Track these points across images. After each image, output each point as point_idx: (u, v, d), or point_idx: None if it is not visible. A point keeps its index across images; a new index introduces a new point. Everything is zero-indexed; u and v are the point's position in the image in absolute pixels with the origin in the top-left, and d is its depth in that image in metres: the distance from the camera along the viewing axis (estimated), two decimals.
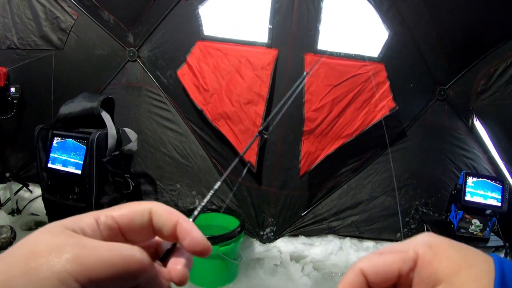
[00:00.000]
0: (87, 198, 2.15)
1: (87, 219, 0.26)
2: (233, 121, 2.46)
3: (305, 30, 2.39)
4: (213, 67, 2.47)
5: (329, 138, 2.49)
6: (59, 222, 0.25)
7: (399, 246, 0.27)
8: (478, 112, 2.77)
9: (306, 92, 2.40)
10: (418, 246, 0.26)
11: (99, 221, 0.26)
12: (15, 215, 2.85)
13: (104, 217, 0.26)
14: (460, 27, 2.51)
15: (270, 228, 2.70)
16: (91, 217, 0.26)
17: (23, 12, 2.80)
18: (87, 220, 0.25)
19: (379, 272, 0.26)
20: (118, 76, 2.81)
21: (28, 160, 3.07)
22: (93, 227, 0.25)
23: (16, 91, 2.88)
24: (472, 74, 2.70)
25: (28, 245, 0.23)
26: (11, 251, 0.23)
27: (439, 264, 0.25)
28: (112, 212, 0.26)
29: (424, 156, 2.82)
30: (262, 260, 2.58)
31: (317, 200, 2.78)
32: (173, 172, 2.79)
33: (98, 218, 0.26)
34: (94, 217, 0.26)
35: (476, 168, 2.89)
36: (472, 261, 0.25)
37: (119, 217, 0.26)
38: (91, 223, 0.25)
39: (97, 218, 0.26)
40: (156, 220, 0.27)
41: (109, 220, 0.26)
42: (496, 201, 2.44)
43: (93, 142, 2.12)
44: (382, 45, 2.49)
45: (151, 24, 2.64)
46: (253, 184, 2.66)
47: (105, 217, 0.26)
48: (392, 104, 2.49)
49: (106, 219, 0.26)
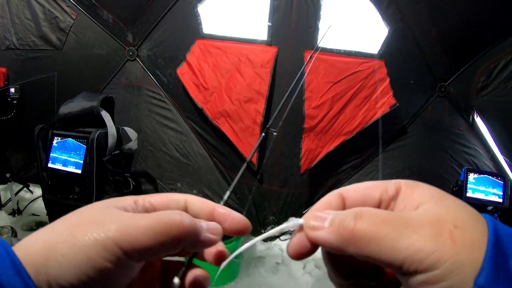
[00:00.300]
0: (88, 197, 2.14)
1: (127, 200, 0.27)
2: (233, 119, 2.46)
3: (305, 28, 2.38)
4: (212, 66, 2.47)
5: (330, 136, 2.49)
6: (100, 201, 0.26)
7: (381, 181, 0.26)
8: (479, 109, 2.77)
9: (306, 90, 2.39)
10: (401, 181, 0.25)
11: (138, 203, 0.27)
12: (16, 216, 2.85)
13: (142, 200, 0.27)
14: (460, 24, 2.50)
15: (271, 226, 2.70)
16: (130, 199, 0.27)
17: (22, 12, 2.80)
18: (127, 201, 0.27)
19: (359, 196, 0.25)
20: (117, 75, 2.80)
21: (28, 160, 3.07)
22: (132, 207, 0.26)
23: (15, 92, 2.88)
24: (472, 70, 2.69)
25: (72, 217, 0.24)
26: (57, 222, 0.24)
27: (423, 190, 0.24)
28: (149, 198, 0.28)
29: (424, 152, 2.81)
30: (264, 258, 2.57)
31: (318, 198, 2.76)
32: (174, 171, 2.79)
33: (137, 201, 0.27)
34: (133, 199, 0.27)
35: (477, 164, 2.89)
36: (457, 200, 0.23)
37: (156, 202, 0.27)
38: (130, 204, 0.26)
39: (136, 200, 0.27)
40: (191, 208, 0.28)
41: (147, 203, 0.27)
42: (498, 197, 2.44)
43: (93, 142, 2.12)
44: (382, 42, 2.49)
45: (150, 23, 2.64)
46: (253, 183, 2.65)
47: (143, 200, 0.27)
48: (393, 101, 2.48)
49: (144, 202, 0.27)
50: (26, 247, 0.23)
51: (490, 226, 0.21)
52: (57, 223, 0.24)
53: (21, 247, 0.23)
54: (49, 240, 0.23)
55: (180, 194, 0.28)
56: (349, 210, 0.24)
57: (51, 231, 0.24)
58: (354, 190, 0.26)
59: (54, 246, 0.22)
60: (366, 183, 0.26)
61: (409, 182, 0.25)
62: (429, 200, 0.23)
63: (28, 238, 0.24)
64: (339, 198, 0.26)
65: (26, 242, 0.24)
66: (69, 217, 0.25)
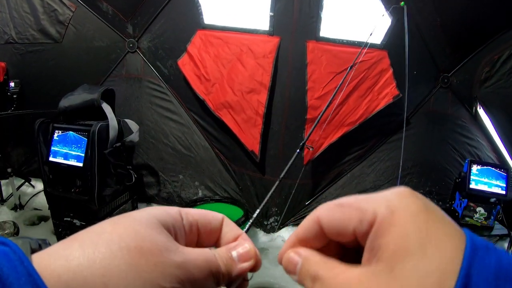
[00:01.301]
0: (90, 190, 2.13)
1: (173, 213, 0.27)
2: (235, 110, 2.44)
3: (307, 17, 2.36)
4: (214, 56, 2.44)
5: (333, 126, 2.47)
6: (151, 213, 0.25)
7: (362, 201, 0.23)
8: (482, 100, 2.75)
9: (309, 80, 2.37)
10: (379, 208, 0.21)
11: (182, 216, 0.27)
12: (18, 211, 2.84)
13: (185, 214, 0.28)
14: (463, 15, 2.48)
15: (274, 217, 2.69)
16: (176, 211, 0.27)
17: (21, 6, 2.77)
18: (173, 214, 0.27)
19: (334, 227, 0.24)
20: (118, 67, 2.78)
21: (29, 155, 3.06)
22: (178, 223, 0.27)
23: (15, 86, 2.86)
24: (476, 61, 2.67)
25: (132, 240, 0.22)
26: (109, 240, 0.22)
27: (391, 239, 0.20)
28: (192, 212, 0.28)
29: (427, 144, 2.80)
30: (266, 250, 2.57)
31: (321, 189, 2.77)
32: (176, 163, 2.78)
33: (181, 214, 0.27)
34: (179, 211, 0.27)
35: (479, 156, 2.88)
36: (431, 250, 0.19)
37: (199, 217, 0.28)
38: (177, 218, 0.27)
39: (181, 213, 0.27)
40: (226, 227, 0.30)
41: (190, 217, 0.28)
42: (501, 189, 2.43)
43: (94, 134, 2.10)
44: (385, 32, 2.46)
45: (151, 14, 2.61)
46: (256, 174, 2.64)
47: (186, 215, 0.28)
48: (396, 91, 2.47)
49: (188, 216, 0.28)
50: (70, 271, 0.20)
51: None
52: (112, 241, 0.22)
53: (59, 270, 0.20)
54: (107, 259, 0.21)
55: (217, 213, 0.30)
56: (310, 267, 0.24)
57: (110, 252, 0.21)
58: (330, 218, 0.24)
59: (115, 271, 0.21)
60: (344, 209, 0.23)
61: (385, 215, 0.21)
62: (387, 260, 0.20)
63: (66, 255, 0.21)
64: (317, 224, 0.25)
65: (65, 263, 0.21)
66: (129, 237, 0.22)
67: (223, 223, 0.29)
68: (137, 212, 0.25)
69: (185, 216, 0.27)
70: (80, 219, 2.21)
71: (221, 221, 0.29)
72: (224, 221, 0.30)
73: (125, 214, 0.24)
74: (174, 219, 0.26)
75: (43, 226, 2.71)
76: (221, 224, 0.29)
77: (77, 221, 2.22)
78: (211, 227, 0.29)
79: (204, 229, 0.28)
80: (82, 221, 2.21)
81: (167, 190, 2.79)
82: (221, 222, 0.29)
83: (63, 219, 2.26)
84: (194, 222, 0.27)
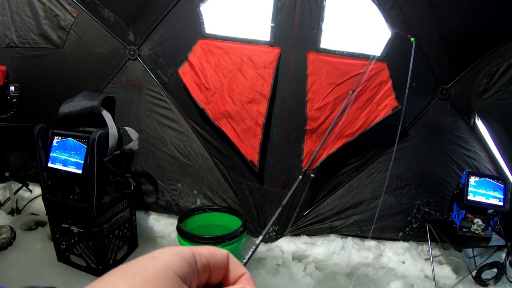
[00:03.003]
0: (88, 198, 2.12)
1: (188, 258, 0.26)
2: (235, 120, 2.44)
3: (308, 29, 2.37)
4: (214, 66, 2.45)
5: (332, 137, 2.48)
6: (168, 265, 0.24)
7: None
8: (480, 112, 2.77)
9: (309, 91, 2.38)
10: None
11: (197, 258, 0.27)
12: (15, 215, 2.83)
13: (199, 255, 0.27)
14: (462, 26, 2.50)
15: (272, 227, 2.69)
16: (190, 254, 0.27)
17: (23, 10, 2.77)
18: (188, 260, 0.26)
19: None
20: (118, 74, 2.78)
21: (27, 159, 3.05)
22: (193, 268, 0.26)
23: (15, 90, 2.86)
24: (474, 73, 2.70)
25: None
26: None
27: None
28: (204, 253, 0.28)
29: (425, 155, 2.81)
30: (264, 260, 2.57)
31: (319, 200, 2.77)
32: (174, 171, 2.77)
33: (195, 257, 0.27)
34: (193, 254, 0.27)
35: (477, 167, 2.89)
36: None
37: (210, 257, 0.28)
38: (192, 264, 0.26)
39: (195, 256, 0.27)
40: (231, 264, 0.30)
41: (204, 259, 0.28)
42: (498, 200, 2.44)
43: (94, 141, 2.09)
44: (385, 44, 2.48)
45: (152, 22, 2.62)
46: (255, 184, 2.64)
47: (199, 256, 0.27)
48: (395, 103, 2.48)
49: (201, 258, 0.27)
50: None
51: None
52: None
53: None
54: None
55: (222, 249, 0.30)
56: None
57: None
58: None
59: None
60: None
61: None
62: None
63: None
64: None
65: None
66: None
67: (228, 259, 0.30)
68: (151, 264, 0.23)
69: (199, 259, 0.27)
70: (78, 226, 2.20)
71: (226, 258, 0.29)
72: (230, 258, 0.30)
73: (139, 268, 0.22)
74: (189, 265, 0.25)
75: (40, 232, 2.70)
76: (227, 261, 0.29)
77: (74, 228, 2.22)
78: (220, 267, 0.29)
79: (214, 266, 0.28)
80: (80, 228, 2.20)
81: (166, 198, 2.79)
82: (227, 258, 0.29)
83: (60, 226, 2.26)
84: (206, 263, 0.27)
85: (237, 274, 0.29)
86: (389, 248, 2.73)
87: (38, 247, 2.50)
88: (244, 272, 0.30)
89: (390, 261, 2.66)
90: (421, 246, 2.81)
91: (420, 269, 2.61)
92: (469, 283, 2.45)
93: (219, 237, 2.10)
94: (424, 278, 2.55)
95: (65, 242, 2.32)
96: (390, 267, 2.63)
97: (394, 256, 2.68)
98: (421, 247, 2.81)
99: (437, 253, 2.73)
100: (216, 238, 2.10)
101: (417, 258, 2.69)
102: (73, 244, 2.31)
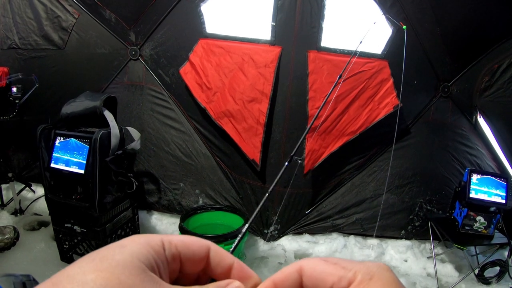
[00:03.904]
0: (91, 197, 2.13)
1: (155, 247, 0.26)
2: (236, 119, 2.45)
3: (308, 27, 2.37)
4: (216, 65, 2.46)
5: (333, 136, 2.48)
6: (134, 253, 0.24)
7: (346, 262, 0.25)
8: (482, 109, 2.76)
9: (310, 90, 2.39)
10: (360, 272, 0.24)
11: (165, 247, 0.26)
12: (18, 215, 2.84)
13: (168, 243, 0.27)
14: (463, 24, 2.50)
15: (274, 226, 2.69)
16: (158, 241, 0.26)
17: (24, 12, 2.78)
18: (155, 245, 0.26)
19: (314, 277, 0.25)
20: (120, 75, 2.79)
21: (30, 160, 3.06)
22: (161, 257, 0.26)
23: (17, 91, 2.87)
24: (476, 70, 2.69)
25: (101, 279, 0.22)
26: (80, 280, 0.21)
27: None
28: (175, 241, 0.27)
29: (427, 153, 2.81)
30: (267, 258, 2.57)
31: (321, 198, 2.78)
32: (176, 170, 2.78)
33: (164, 244, 0.26)
34: (161, 241, 0.26)
35: (479, 165, 2.89)
36: None
37: (182, 249, 0.27)
38: (159, 252, 0.26)
39: (163, 243, 0.26)
40: (214, 256, 0.28)
41: (173, 249, 0.27)
42: (501, 198, 2.43)
43: (96, 142, 2.10)
44: (385, 42, 2.48)
45: (153, 22, 2.63)
46: (257, 183, 2.65)
47: (169, 244, 0.27)
48: (396, 101, 2.48)
49: (171, 246, 0.27)
50: None
51: None
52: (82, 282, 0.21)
53: None
54: None
55: (203, 240, 0.28)
56: None
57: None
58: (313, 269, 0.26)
59: None
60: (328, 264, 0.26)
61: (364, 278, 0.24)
62: None
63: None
64: (298, 273, 0.26)
65: None
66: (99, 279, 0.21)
67: (209, 252, 0.28)
68: (119, 252, 0.23)
69: (167, 247, 0.26)
70: (81, 226, 2.22)
71: (206, 250, 0.28)
72: (211, 250, 0.28)
73: (107, 254, 0.23)
74: (156, 253, 0.25)
75: (43, 232, 2.71)
76: (206, 254, 0.28)
77: (77, 228, 2.23)
78: (195, 258, 0.28)
79: (187, 260, 0.27)
80: (82, 228, 2.21)
81: (168, 197, 2.80)
82: (206, 251, 0.28)
83: (63, 225, 2.27)
84: (176, 252, 0.27)
85: (225, 265, 0.28)
86: (391, 246, 2.73)
87: (41, 247, 2.52)
88: (233, 262, 0.29)
89: (392, 259, 2.66)
90: (423, 244, 2.81)
91: (422, 267, 2.61)
92: (472, 281, 2.45)
93: (221, 236, 2.11)
94: (427, 276, 2.55)
95: (68, 242, 2.33)
96: (392, 265, 2.63)
97: (396, 254, 2.68)
98: (423, 245, 2.80)
99: (440, 251, 2.73)
100: (218, 236, 2.10)
101: (420, 256, 2.69)
102: (76, 244, 2.32)
